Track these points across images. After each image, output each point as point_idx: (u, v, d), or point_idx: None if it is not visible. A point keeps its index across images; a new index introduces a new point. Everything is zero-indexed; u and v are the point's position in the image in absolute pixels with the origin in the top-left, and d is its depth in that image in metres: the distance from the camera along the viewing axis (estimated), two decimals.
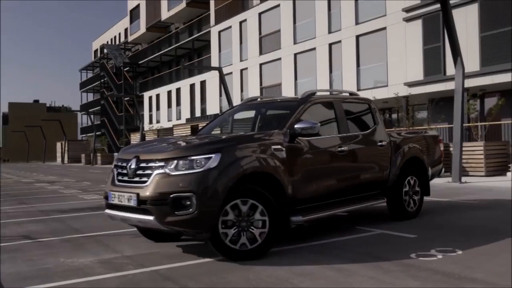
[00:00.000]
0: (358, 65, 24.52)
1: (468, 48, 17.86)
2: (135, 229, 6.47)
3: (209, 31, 37.96)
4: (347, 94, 7.65)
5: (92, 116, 60.51)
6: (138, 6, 52.57)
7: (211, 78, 37.07)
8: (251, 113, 7.40)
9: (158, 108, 46.83)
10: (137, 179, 5.31)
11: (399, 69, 21.96)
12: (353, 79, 24.58)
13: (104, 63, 59.23)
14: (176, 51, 45.92)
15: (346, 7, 24.95)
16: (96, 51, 72.36)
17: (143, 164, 5.31)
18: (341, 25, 25.32)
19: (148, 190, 5.08)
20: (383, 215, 7.86)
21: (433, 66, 20.26)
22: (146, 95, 49.13)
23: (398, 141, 7.59)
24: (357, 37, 24.48)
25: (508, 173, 15.65)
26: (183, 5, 42.65)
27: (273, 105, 7.48)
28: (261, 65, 31.62)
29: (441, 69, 19.89)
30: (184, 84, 42.08)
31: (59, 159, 56.50)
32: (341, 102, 6.99)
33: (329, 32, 26.12)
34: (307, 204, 6.02)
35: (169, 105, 44.63)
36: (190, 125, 31.60)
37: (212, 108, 37.12)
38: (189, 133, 30.56)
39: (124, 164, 5.53)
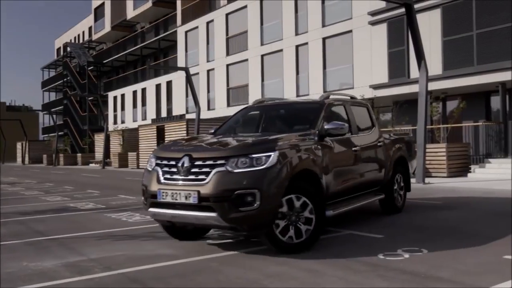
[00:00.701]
0: (324, 67, 24.77)
1: (431, 52, 18.27)
2: (101, 231, 6.34)
3: (176, 31, 37.65)
4: (349, 97, 8.10)
5: (54, 116, 59.05)
6: (103, 4, 51.69)
7: (178, 79, 36.78)
8: (264, 114, 7.56)
9: (123, 108, 46.14)
10: (192, 177, 5.36)
11: (364, 71, 22.28)
12: (320, 81, 24.82)
13: (67, 61, 57.96)
14: (142, 50, 45.37)
15: (313, 10, 25.17)
16: (59, 49, 70.71)
17: (198, 162, 5.39)
18: (308, 27, 25.52)
19: (210, 187, 5.17)
20: (350, 216, 7.95)
21: (397, 69, 20.63)
22: (111, 95, 48.35)
23: (388, 142, 8.27)
24: (324, 39, 24.73)
25: (469, 174, 16.09)
26: (149, 4, 42.18)
27: (290, 107, 7.84)
28: (228, 66, 31.57)
29: (405, 72, 20.28)
30: (150, 84, 41.60)
31: (19, 160, 55.00)
32: (350, 105, 7.51)
33: (296, 34, 26.29)
34: (334, 200, 6.47)
35: (135, 105, 44.04)
36: (156, 126, 31.26)
37: (179, 108, 36.83)
38: (155, 134, 30.25)
39: (173, 163, 5.57)
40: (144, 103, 42.47)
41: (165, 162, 5.70)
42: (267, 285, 4.38)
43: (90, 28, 58.53)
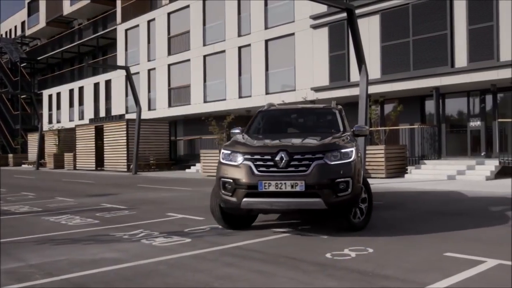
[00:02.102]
0: (267, 69, 24.94)
1: (370, 56, 18.83)
2: (40, 235, 6.03)
3: (115, 29, 36.72)
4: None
5: None
6: None
7: (117, 78, 35.90)
8: (288, 117, 8.68)
9: (58, 108, 44.44)
10: (292, 169, 6.16)
11: (306, 74, 22.63)
12: (262, 83, 24.97)
13: None
14: (79, 48, 43.89)
15: (256, 11, 25.30)
16: None
17: (297, 156, 6.20)
18: (251, 29, 25.62)
19: (314, 177, 6.09)
20: (295, 217, 8.02)
21: (338, 72, 21.11)
22: (46, 93, 46.46)
23: None
24: (266, 41, 24.91)
25: (406, 175, 16.70)
26: (87, 0, 40.90)
27: (311, 112, 8.93)
28: (169, 65, 31.14)
29: (345, 75, 20.79)
30: (87, 83, 40.33)
31: None
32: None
33: (239, 35, 26.33)
34: None
35: (71, 105, 42.54)
36: (95, 126, 30.35)
37: (118, 108, 35.95)
38: (93, 134, 29.33)
39: (268, 157, 6.25)
40: (81, 103, 41.14)
41: (257, 157, 6.32)
42: (218, 287, 4.33)
43: (23, 23, 56.02)
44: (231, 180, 6.36)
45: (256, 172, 6.24)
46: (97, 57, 42.68)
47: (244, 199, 6.25)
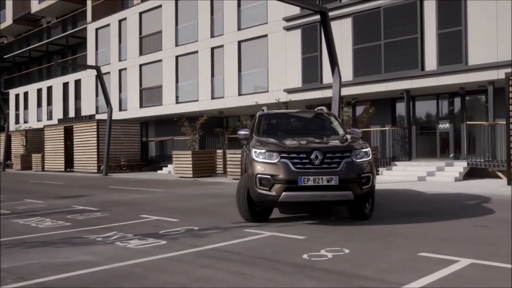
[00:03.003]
0: (239, 70, 24.92)
1: (342, 58, 19.00)
2: (9, 238, 5.86)
3: (85, 28, 36.12)
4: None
5: None
6: None
7: (87, 77, 35.30)
8: (290, 121, 9.59)
9: (26, 107, 43.42)
10: (325, 166, 7.09)
11: (279, 75, 22.69)
12: (235, 84, 24.93)
13: None
14: (48, 47, 42.97)
15: (229, 12, 25.24)
16: None
17: (329, 155, 7.16)
18: (224, 30, 25.56)
19: (345, 172, 7.07)
20: (271, 219, 8.03)
21: (311, 74, 21.25)
22: (12, 92, 45.35)
23: None
24: (239, 42, 24.89)
25: (378, 176, 16.89)
26: None
27: (310, 116, 9.78)
28: (141, 66, 30.80)
29: (318, 77, 20.93)
30: (56, 83, 39.53)
31: None
32: None
33: (212, 36, 26.23)
34: None
35: (39, 105, 41.62)
36: (64, 126, 29.76)
37: (88, 108, 35.36)
38: (62, 135, 28.75)
39: (304, 155, 7.12)
40: (50, 102, 40.30)
41: (293, 155, 7.14)
42: None
43: None
44: (269, 176, 7.11)
45: (293, 168, 7.06)
46: (67, 56, 41.88)
47: (284, 193, 7.01)
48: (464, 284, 4.34)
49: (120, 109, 31.88)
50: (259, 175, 7.21)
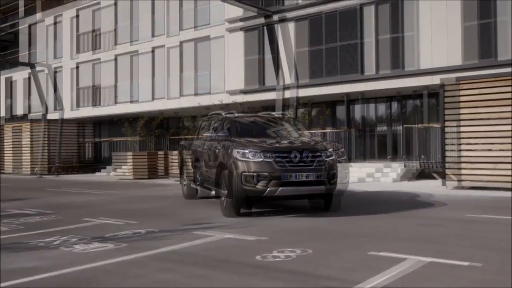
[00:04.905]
0: (181, 71, 24.64)
1: (301, 60, 19.05)
2: None
3: (18, 23, 34.49)
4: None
5: None
6: None
7: (20, 76, 33.70)
8: (260, 124, 10.25)
9: None
10: (303, 163, 8.16)
11: (222, 77, 22.62)
12: (177, 85, 24.61)
13: None
14: None
15: (171, 13, 24.91)
16: None
17: (305, 154, 8.20)
18: (166, 30, 25.20)
19: (319, 169, 8.23)
20: (227, 220, 8.00)
21: (253, 76, 21.30)
22: None
23: None
24: (181, 43, 24.61)
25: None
26: None
27: (274, 119, 10.66)
28: (78, 64, 29.76)
29: (261, 79, 21.01)
30: None
31: None
32: None
33: (153, 36, 25.78)
34: None
35: None
36: None
37: (19, 107, 33.72)
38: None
39: (285, 154, 8.13)
40: None
41: (276, 154, 8.10)
42: None
43: None
44: (254, 174, 7.98)
45: (276, 166, 8.01)
46: None
47: (269, 188, 7.94)
48: (415, 280, 4.49)
49: (55, 109, 30.63)
50: (244, 173, 8.02)
